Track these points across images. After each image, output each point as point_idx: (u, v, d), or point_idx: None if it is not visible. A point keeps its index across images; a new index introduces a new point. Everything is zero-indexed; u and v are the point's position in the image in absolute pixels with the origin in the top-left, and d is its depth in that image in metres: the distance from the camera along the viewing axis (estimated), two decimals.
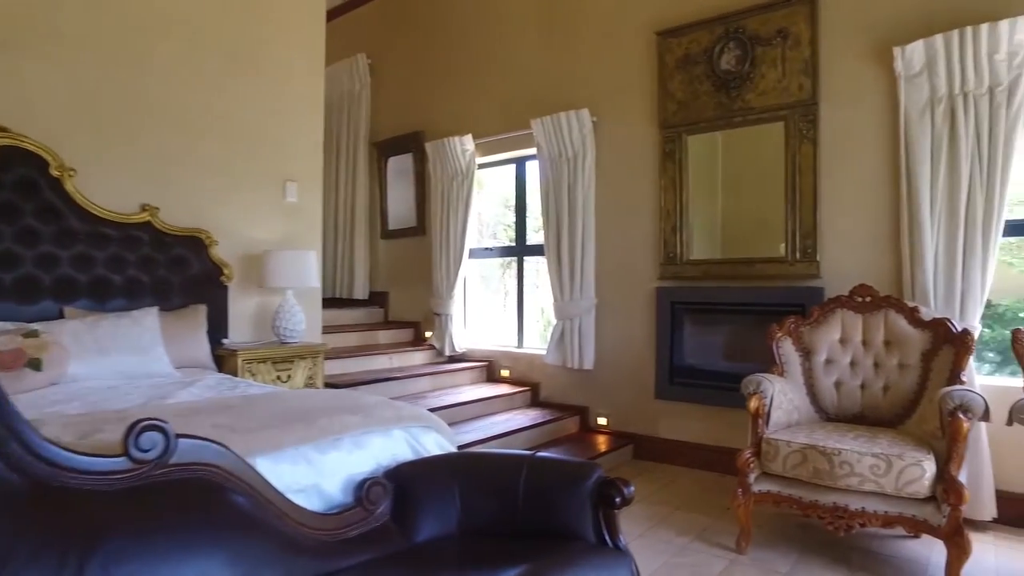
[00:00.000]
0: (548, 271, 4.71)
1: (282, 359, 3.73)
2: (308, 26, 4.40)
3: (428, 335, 5.54)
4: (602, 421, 4.53)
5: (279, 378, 3.69)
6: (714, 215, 4.16)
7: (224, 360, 3.57)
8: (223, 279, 3.82)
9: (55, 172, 3.16)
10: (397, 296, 6.06)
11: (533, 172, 4.99)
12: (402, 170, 6.08)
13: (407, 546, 1.72)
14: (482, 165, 5.37)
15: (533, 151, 4.80)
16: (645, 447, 4.29)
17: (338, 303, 6.03)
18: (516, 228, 5.36)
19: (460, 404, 4.38)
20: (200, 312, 3.59)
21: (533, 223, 5.26)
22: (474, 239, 5.50)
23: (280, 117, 4.20)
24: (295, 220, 4.31)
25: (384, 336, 5.60)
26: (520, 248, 5.31)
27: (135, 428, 1.28)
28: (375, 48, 6.20)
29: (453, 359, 5.33)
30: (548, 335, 4.79)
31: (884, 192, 3.47)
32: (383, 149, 6.19)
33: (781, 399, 2.93)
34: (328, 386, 4.06)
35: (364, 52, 6.22)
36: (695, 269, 4.08)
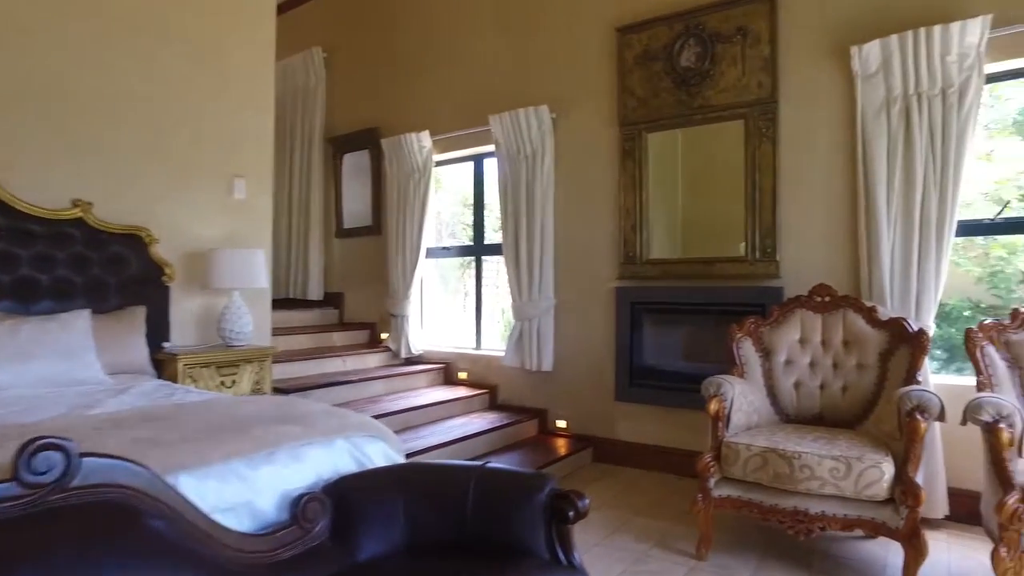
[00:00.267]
0: (506, 271, 4.62)
1: (227, 363, 3.55)
2: (258, 15, 4.22)
3: (384, 337, 5.39)
4: (561, 424, 4.45)
5: (223, 383, 3.51)
6: (675, 214, 4.12)
7: (164, 365, 3.38)
8: (164, 279, 3.61)
9: None
10: (353, 297, 5.88)
11: (492, 170, 4.88)
12: (358, 167, 5.91)
13: (348, 566, 1.59)
14: (440, 163, 5.25)
15: (492, 148, 4.70)
16: (605, 450, 4.23)
17: (291, 304, 5.84)
18: (474, 227, 5.25)
19: (416, 408, 4.25)
20: (138, 314, 3.38)
21: (493, 222, 5.15)
22: (432, 238, 5.37)
23: (228, 110, 4.01)
24: (243, 218, 4.12)
25: (338, 338, 5.43)
26: (478, 248, 5.21)
27: (27, 448, 1.13)
28: (331, 41, 6.02)
29: (410, 361, 5.19)
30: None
31: (842, 192, 3.46)
32: (339, 145, 6.01)
33: (741, 401, 2.89)
34: (276, 391, 3.90)
35: (319, 46, 6.03)
36: (655, 269, 4.03)
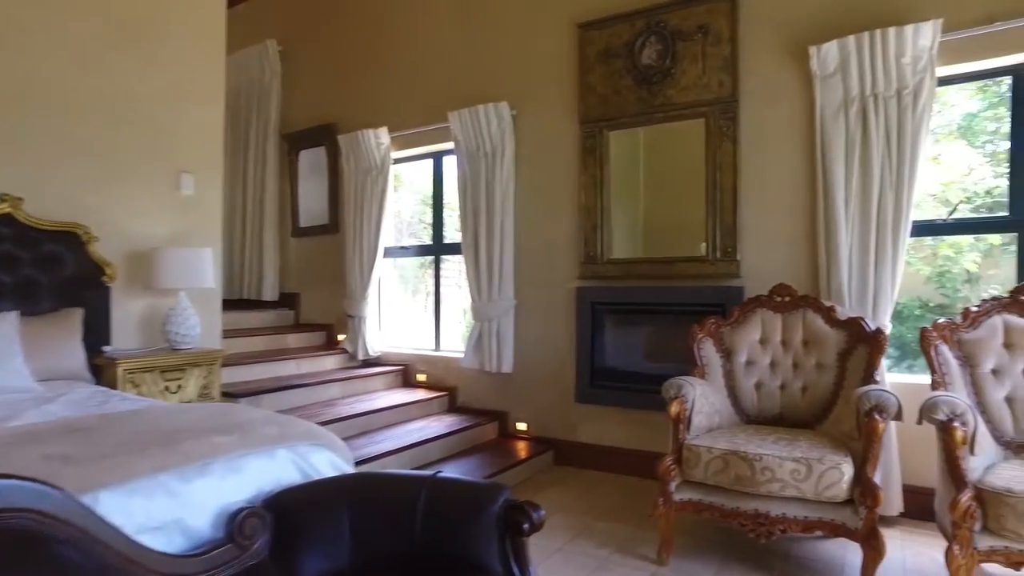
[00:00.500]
0: (465, 270, 4.52)
1: (172, 367, 3.38)
2: (206, 3, 4.04)
3: (341, 338, 5.24)
4: (522, 426, 4.38)
5: (168, 389, 3.35)
6: (637, 214, 4.08)
7: (103, 370, 3.20)
8: (105, 280, 3.43)
9: None
10: (309, 297, 5.72)
11: (451, 167, 4.78)
12: (314, 164, 5.74)
13: None
14: (398, 160, 5.13)
15: (451, 145, 4.60)
16: (566, 453, 4.17)
17: (245, 305, 5.66)
18: (433, 226, 5.14)
19: (372, 412, 4.13)
20: (74, 317, 3.20)
21: (453, 221, 5.05)
22: (392, 237, 5.25)
23: (174, 102, 3.83)
24: (191, 215, 3.95)
25: (293, 340, 5.26)
26: (438, 247, 5.10)
27: None
28: (286, 35, 5.83)
29: (367, 363, 5.06)
30: None
31: (802, 191, 3.46)
32: (294, 142, 5.84)
33: (702, 403, 2.85)
34: (225, 395, 3.74)
35: (274, 39, 5.84)
36: (616, 269, 3.99)
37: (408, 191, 5.86)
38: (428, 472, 1.71)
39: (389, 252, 5.23)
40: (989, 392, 2.66)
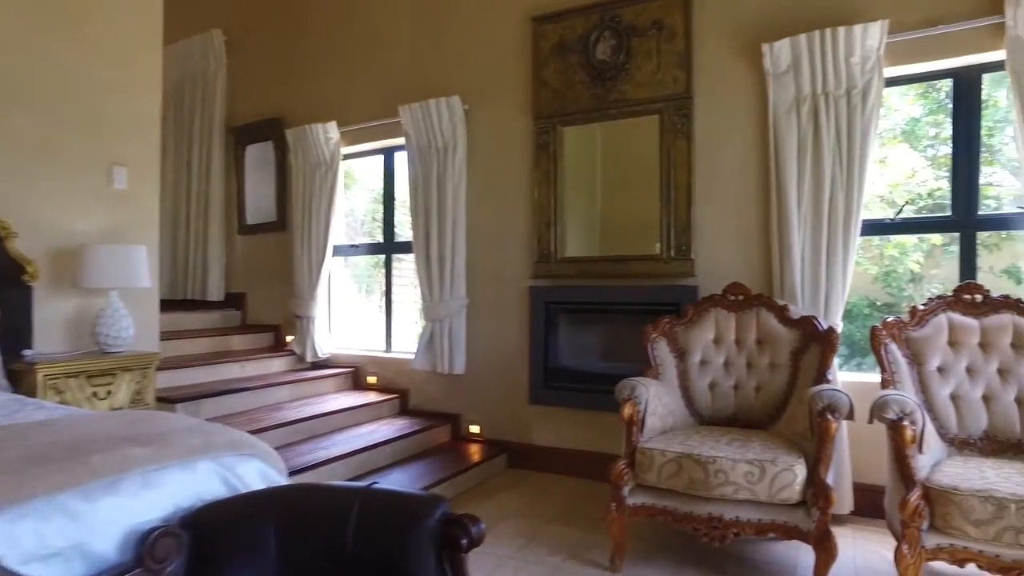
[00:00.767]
0: (416, 269, 4.40)
1: (101, 372, 3.17)
2: None
3: (289, 340, 5.06)
4: (475, 429, 4.28)
5: (96, 395, 3.14)
6: (594, 211, 4.02)
7: (22, 376, 2.98)
8: (26, 278, 3.20)
9: None
10: (256, 297, 5.51)
11: (403, 163, 4.65)
12: (262, 159, 5.53)
13: None
14: (348, 155, 4.97)
15: (402, 141, 4.47)
16: (519, 455, 4.08)
17: (189, 306, 5.43)
18: (384, 224, 5.00)
19: (319, 416, 3.97)
20: None
21: (405, 218, 4.92)
22: (345, 236, 5.10)
23: (105, 90, 3.60)
24: (124, 210, 3.73)
25: (239, 341, 5.06)
26: (389, 245, 4.96)
27: None
28: (231, 24, 5.61)
29: (316, 365, 4.89)
30: None
31: (756, 190, 3.45)
32: (241, 136, 5.61)
33: (656, 404, 2.80)
34: (161, 401, 3.55)
35: (220, 28, 5.61)
36: (569, 267, 3.92)
37: (362, 188, 5.70)
38: (362, 483, 1.59)
39: (339, 251, 5.07)
40: (935, 390, 2.68)
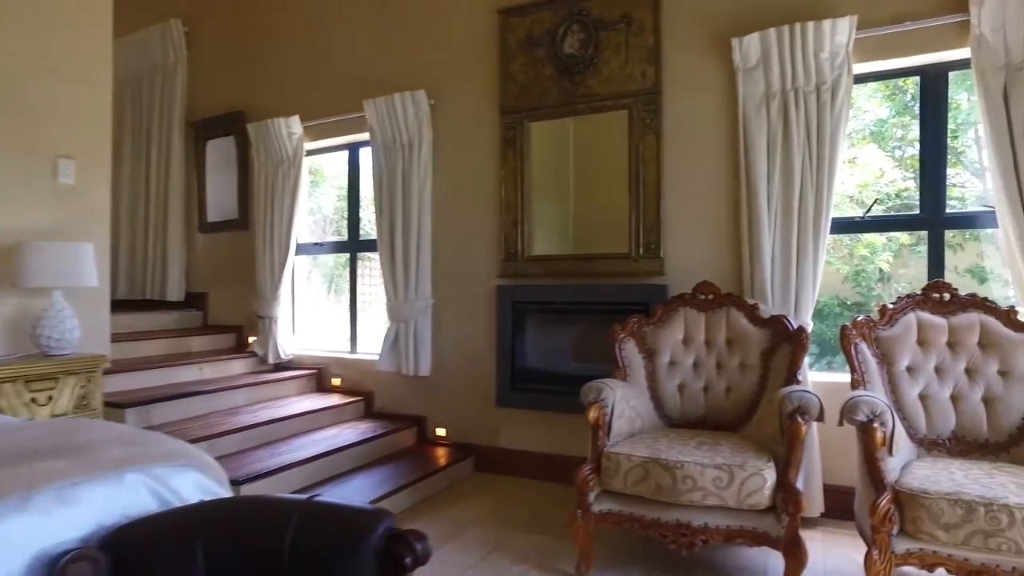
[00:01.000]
0: (380, 268, 4.27)
1: (41, 377, 3.00)
2: None
3: (252, 341, 4.90)
4: (441, 432, 4.16)
5: (35, 401, 2.97)
6: (559, 209, 3.92)
7: None
8: None
9: None
10: (218, 297, 5.33)
11: (368, 159, 4.51)
12: (223, 155, 5.35)
13: None
14: (312, 151, 4.83)
15: (367, 136, 4.34)
16: (487, 459, 3.98)
17: (148, 306, 5.24)
18: (349, 221, 4.86)
19: (279, 420, 3.83)
20: None
21: (372, 216, 4.79)
22: (314, 234, 4.96)
23: (50, 79, 3.42)
24: (71, 206, 3.55)
25: (199, 343, 4.88)
26: (354, 243, 4.82)
27: None
28: (192, 14, 5.42)
29: (279, 367, 4.73)
30: None
31: (725, 187, 3.39)
32: (202, 130, 5.43)
33: (623, 406, 2.72)
34: (109, 405, 3.39)
35: (179, 18, 5.42)
36: (537, 266, 3.83)
37: (331, 185, 5.56)
38: (302, 496, 1.48)
39: (304, 249, 4.93)
40: (904, 390, 2.65)
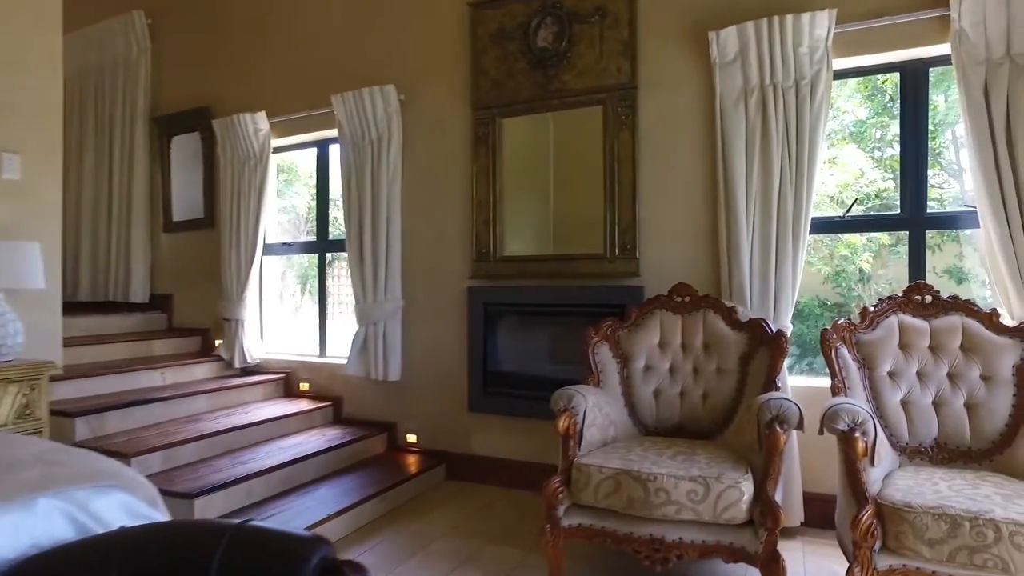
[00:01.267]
0: (349, 269, 4.13)
1: None
2: None
3: (219, 344, 4.73)
4: (412, 438, 4.02)
5: None
6: (532, 208, 3.79)
7: None
8: None
9: None
10: (184, 299, 5.15)
11: (337, 156, 4.37)
12: (188, 152, 5.17)
13: None
14: (280, 148, 4.66)
15: (336, 133, 4.19)
16: (459, 466, 3.85)
17: (111, 308, 5.05)
18: (318, 220, 4.71)
19: (243, 427, 3.67)
20: None
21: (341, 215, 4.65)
22: (284, 233, 4.78)
23: None
24: (17, 203, 3.37)
25: (162, 346, 4.70)
26: (323, 243, 4.67)
27: None
28: (155, 5, 5.22)
29: (246, 372, 4.57)
30: None
31: (703, 185, 3.29)
32: (166, 126, 5.24)
33: (596, 414, 2.60)
34: (57, 414, 3.22)
35: (142, 10, 5.22)
36: (509, 267, 3.70)
37: (304, 184, 5.41)
38: (233, 521, 1.34)
39: (271, 249, 4.76)
40: (886, 396, 2.56)
